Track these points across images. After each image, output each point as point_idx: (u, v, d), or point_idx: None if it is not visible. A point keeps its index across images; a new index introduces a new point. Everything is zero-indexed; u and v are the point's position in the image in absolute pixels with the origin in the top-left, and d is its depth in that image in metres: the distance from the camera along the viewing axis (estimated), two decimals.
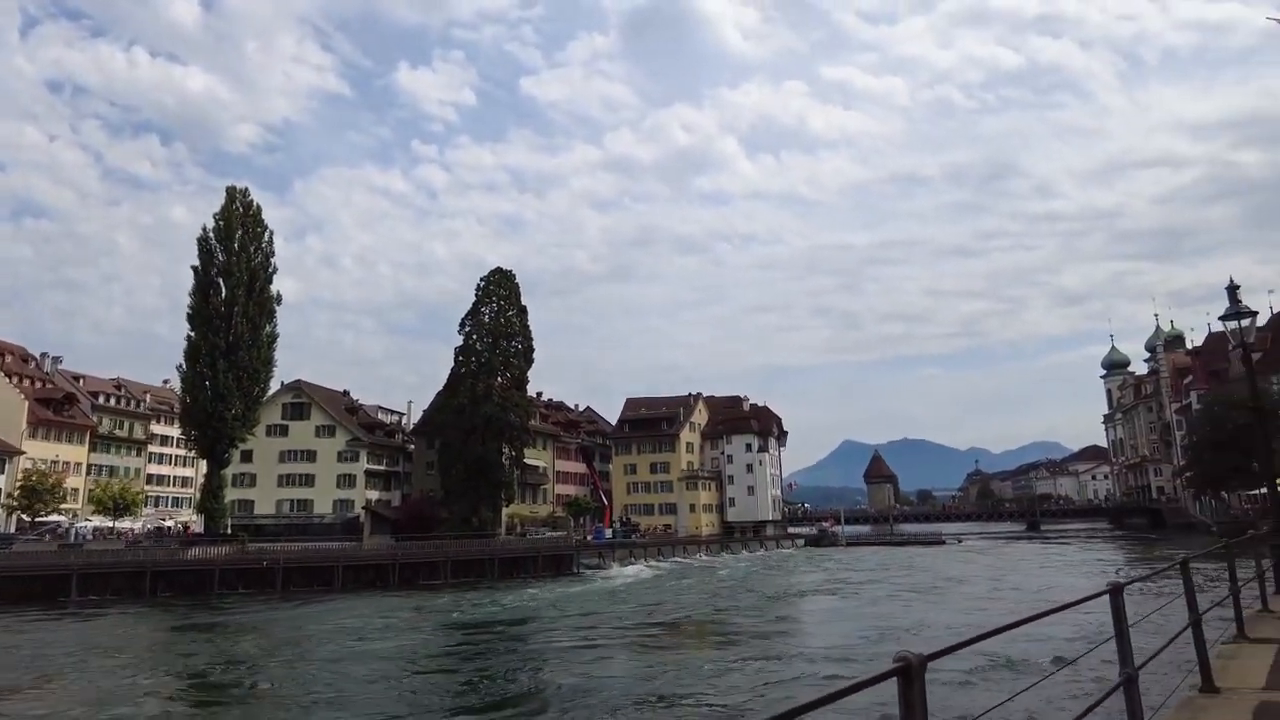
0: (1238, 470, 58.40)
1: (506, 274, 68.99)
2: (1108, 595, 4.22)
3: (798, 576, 50.73)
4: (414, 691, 18.80)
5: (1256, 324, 11.50)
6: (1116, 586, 4.24)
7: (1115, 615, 4.20)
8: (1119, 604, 4.22)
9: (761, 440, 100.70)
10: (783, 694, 16.46)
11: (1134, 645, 4.21)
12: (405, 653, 24.49)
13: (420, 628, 30.72)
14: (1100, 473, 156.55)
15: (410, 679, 20.29)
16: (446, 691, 18.79)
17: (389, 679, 20.23)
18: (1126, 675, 4.09)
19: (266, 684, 20.40)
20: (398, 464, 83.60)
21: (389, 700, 17.91)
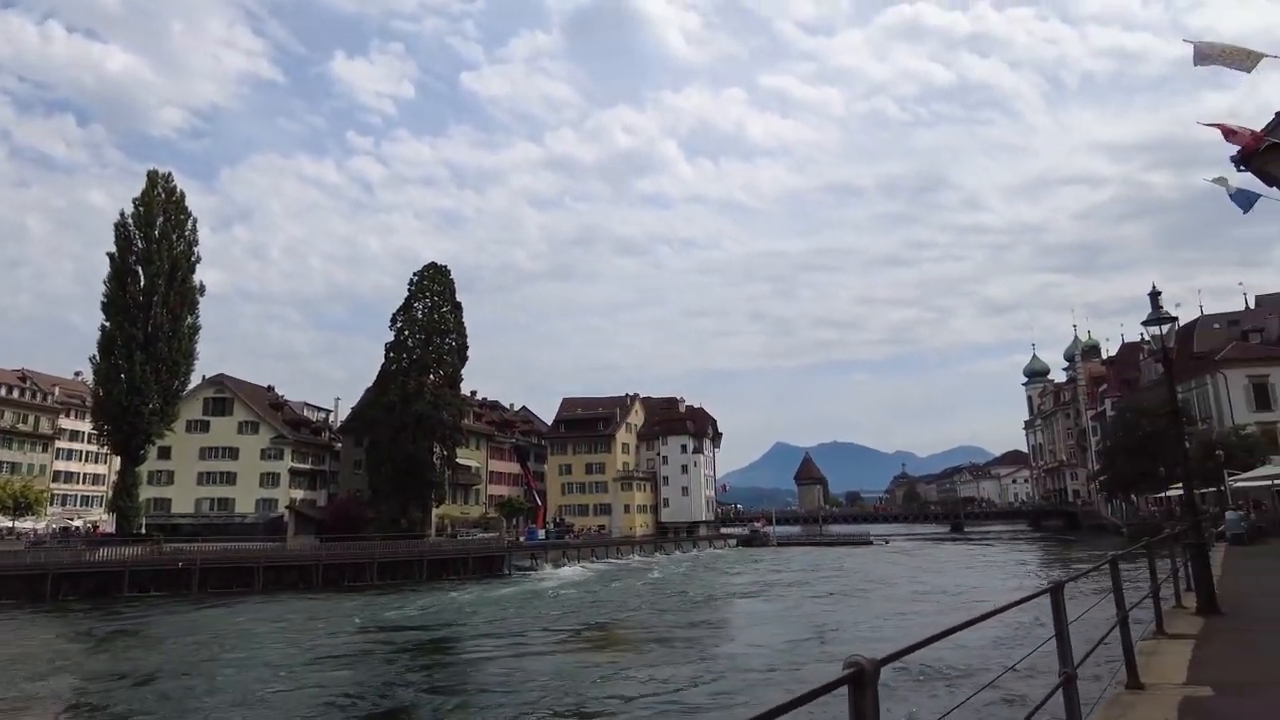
0: (1146, 475, 61.04)
1: (441, 269, 67.72)
2: (1049, 594, 4.16)
3: (729, 577, 50.93)
4: (320, 697, 17.97)
5: (1173, 332, 11.90)
6: (1057, 585, 4.18)
7: (1055, 614, 4.15)
8: (1059, 602, 4.16)
9: (697, 442, 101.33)
10: (714, 698, 16.30)
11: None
12: (317, 656, 23.53)
13: (339, 630, 29.67)
14: (1020, 476, 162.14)
15: (319, 684, 19.38)
16: (355, 696, 18.07)
17: (296, 684, 19.37)
18: (1066, 675, 4.03)
19: (154, 693, 18.95)
20: (324, 463, 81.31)
21: (292, 707, 17.12)
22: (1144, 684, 6.15)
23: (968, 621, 2.93)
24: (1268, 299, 69.11)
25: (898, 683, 15.33)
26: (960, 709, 10.64)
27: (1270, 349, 62.58)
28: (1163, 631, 8.37)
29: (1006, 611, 3.71)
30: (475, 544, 59.36)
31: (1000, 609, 3.44)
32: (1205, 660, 7.08)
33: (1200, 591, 9.80)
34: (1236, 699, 5.76)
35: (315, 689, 19.53)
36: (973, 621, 2.99)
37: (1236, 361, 61.15)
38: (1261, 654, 7.48)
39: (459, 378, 67.16)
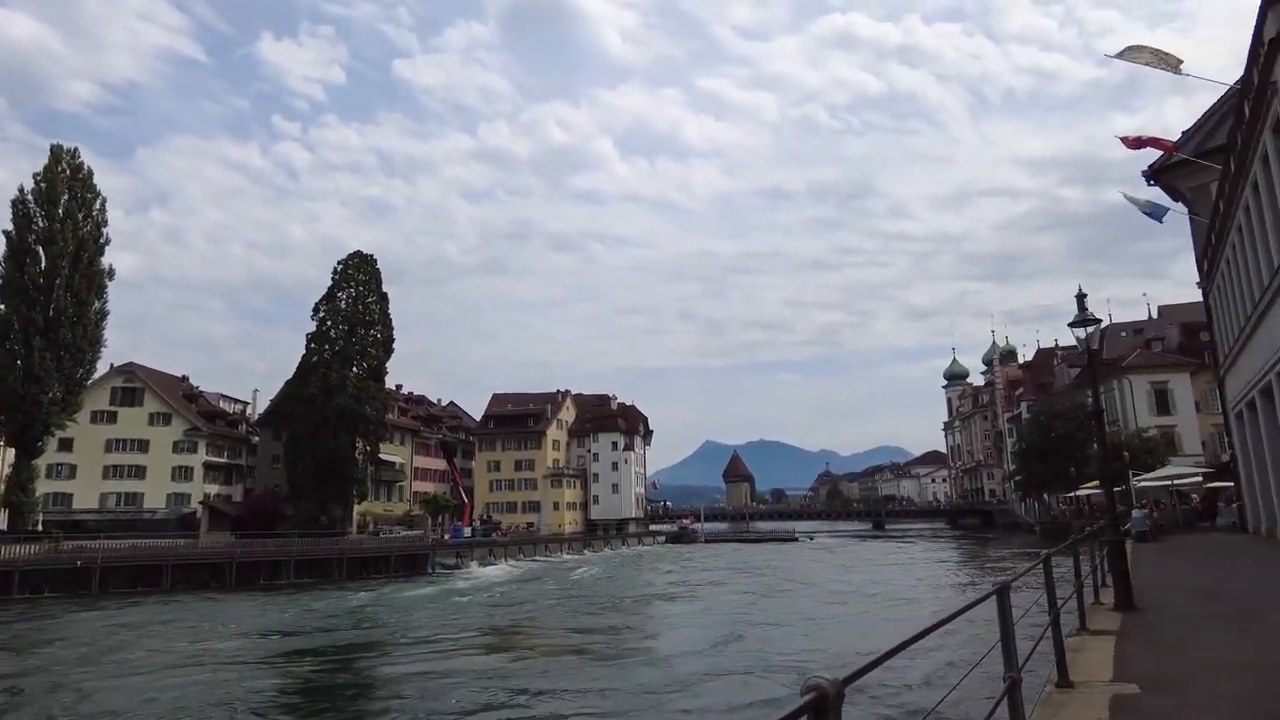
0: (1058, 475, 63.60)
1: (367, 258, 65.81)
2: (995, 596, 4.02)
3: (657, 575, 50.83)
4: (218, 699, 17.11)
5: (1083, 342, 12.19)
6: (1003, 586, 4.05)
7: (1001, 617, 4.01)
8: (1005, 604, 4.03)
9: (628, 439, 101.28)
10: (635, 702, 16.01)
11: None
12: (220, 658, 22.37)
13: (243, 631, 28.34)
14: (939, 476, 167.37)
15: (218, 685, 18.41)
16: (255, 699, 17.26)
17: (191, 686, 18.33)
18: (1011, 679, 3.90)
19: (27, 701, 17.72)
20: (240, 456, 78.28)
21: (186, 710, 16.21)
22: (1073, 682, 6.15)
23: (923, 631, 2.73)
24: (1169, 310, 72.74)
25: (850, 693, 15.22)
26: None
27: (1170, 357, 65.91)
28: (1085, 628, 8.48)
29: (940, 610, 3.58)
30: (398, 542, 57.97)
31: (954, 615, 3.27)
32: (1128, 656, 7.15)
33: (1118, 588, 10.01)
34: (1163, 696, 5.79)
35: (253, 681, 18.72)
36: (929, 630, 2.80)
37: (1140, 368, 64.20)
38: (1179, 649, 7.61)
39: (384, 371, 65.43)
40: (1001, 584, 4.06)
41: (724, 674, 17.84)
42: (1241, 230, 19.69)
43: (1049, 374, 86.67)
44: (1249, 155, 17.29)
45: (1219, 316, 26.97)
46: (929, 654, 19.17)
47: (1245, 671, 6.57)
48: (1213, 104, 29.21)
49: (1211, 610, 10.34)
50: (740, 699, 15.51)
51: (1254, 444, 23.46)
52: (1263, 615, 9.46)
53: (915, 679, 15.35)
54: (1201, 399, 61.34)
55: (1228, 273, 22.91)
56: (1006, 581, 4.12)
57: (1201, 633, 8.58)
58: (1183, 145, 26.87)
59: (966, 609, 3.48)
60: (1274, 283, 16.71)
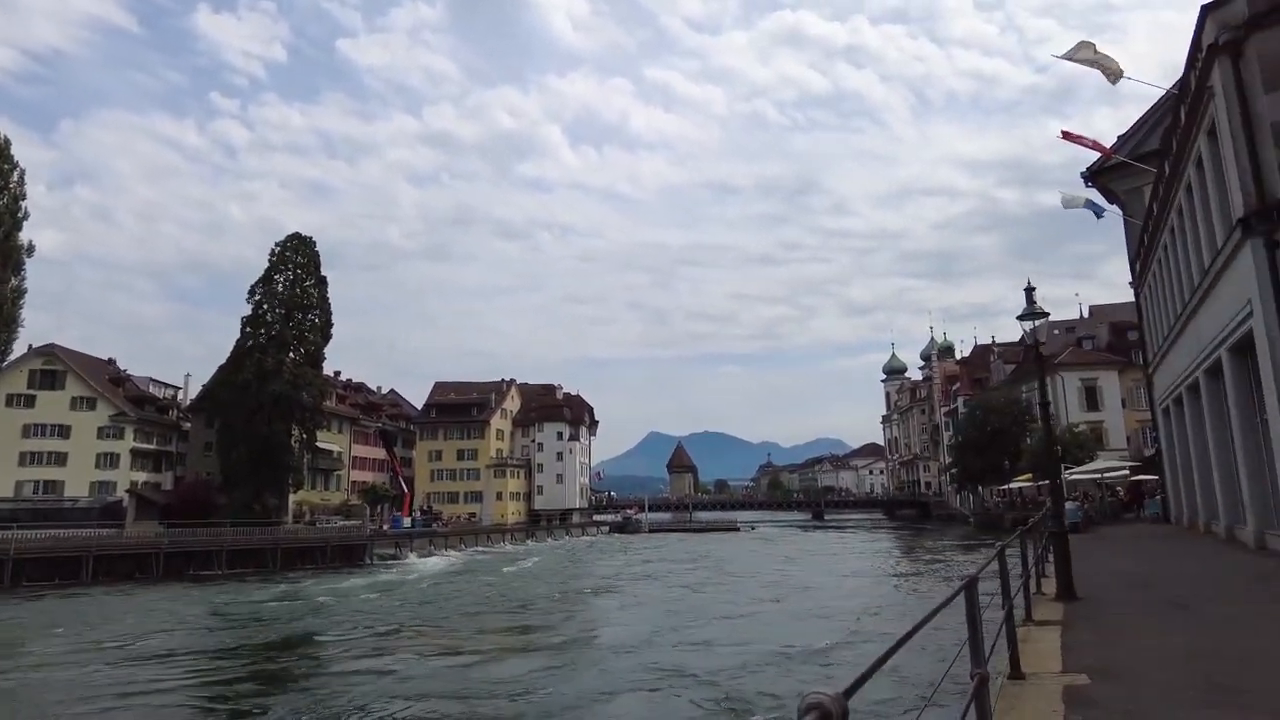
0: (993, 469, 65.41)
1: (306, 240, 63.91)
2: (963, 591, 3.90)
3: (596, 567, 50.44)
4: (128, 697, 16.41)
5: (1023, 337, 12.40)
6: (972, 580, 3.93)
7: (970, 611, 3.89)
8: (974, 598, 3.91)
9: (573, 429, 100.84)
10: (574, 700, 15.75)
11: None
12: (136, 654, 21.50)
13: (168, 623, 27.39)
14: (877, 468, 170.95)
15: (130, 683, 17.69)
16: (173, 695, 16.60)
17: (101, 685, 17.58)
18: (980, 675, 3.78)
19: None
20: (171, 443, 75.40)
21: (91, 710, 15.49)
22: (1025, 674, 6.13)
23: (911, 631, 2.58)
24: (1099, 309, 75.35)
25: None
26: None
27: (1100, 355, 68.30)
28: (1031, 619, 8.54)
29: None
30: (335, 532, 56.70)
31: (934, 612, 3.12)
32: (1075, 647, 7.19)
33: (1060, 578, 10.15)
34: (1112, 686, 5.80)
35: (171, 677, 17.88)
36: (915, 630, 2.64)
37: (1072, 365, 66.36)
38: (1122, 638, 7.71)
39: (321, 357, 63.79)
40: (970, 577, 3.94)
41: (641, 682, 16.83)
42: (1174, 232, 20.30)
43: (985, 370, 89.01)
44: (1184, 158, 17.79)
45: (1149, 315, 27.88)
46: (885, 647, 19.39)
47: (1184, 660, 6.68)
48: (1145, 111, 30.14)
49: (1145, 599, 10.59)
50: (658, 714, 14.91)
51: (1179, 438, 24.34)
52: (1192, 604, 9.70)
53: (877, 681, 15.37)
54: (1128, 396, 63.71)
55: (1159, 273, 23.65)
56: (974, 575, 4.00)
57: (1139, 621, 8.74)
58: (1118, 150, 27.68)
59: (943, 606, 3.34)
60: (1204, 283, 17.24)
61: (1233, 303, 15.22)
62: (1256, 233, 13.28)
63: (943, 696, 13.22)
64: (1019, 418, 64.39)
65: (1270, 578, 12.11)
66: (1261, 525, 16.01)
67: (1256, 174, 13.36)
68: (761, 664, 17.79)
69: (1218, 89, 14.40)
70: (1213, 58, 14.40)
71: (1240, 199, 13.73)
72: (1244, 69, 13.78)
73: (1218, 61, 14.24)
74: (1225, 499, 18.99)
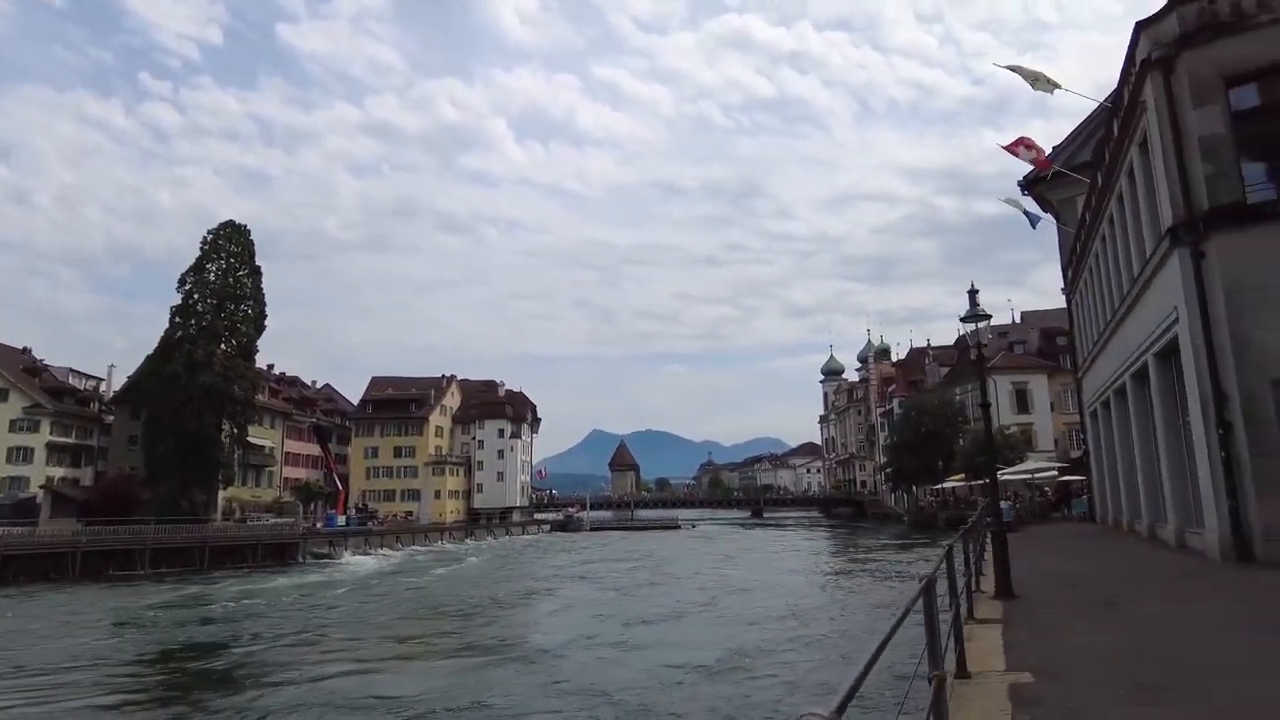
0: (927, 468, 67.07)
1: (240, 228, 61.92)
2: (921, 593, 3.85)
3: (532, 567, 49.28)
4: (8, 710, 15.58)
5: (958, 340, 12.64)
6: (929, 581, 3.89)
7: (927, 613, 3.84)
8: (932, 599, 3.87)
9: (515, 426, 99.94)
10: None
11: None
12: (44, 660, 20.49)
13: (69, 627, 26.16)
14: (815, 467, 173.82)
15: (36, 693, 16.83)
16: (51, 706, 15.83)
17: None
18: (938, 677, 3.73)
19: None
20: (92, 437, 72.26)
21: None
22: (971, 673, 6.17)
23: (885, 639, 2.49)
24: (1030, 315, 77.82)
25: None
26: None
27: (1030, 359, 70.59)
28: (973, 617, 8.65)
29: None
30: (266, 530, 55.06)
31: (902, 616, 3.05)
32: (1016, 645, 7.29)
33: (999, 576, 10.33)
34: (1055, 685, 5.87)
35: (77, 686, 16.93)
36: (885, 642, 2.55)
37: (1004, 369, 68.39)
38: (1059, 637, 7.86)
39: (254, 349, 61.94)
40: (927, 578, 3.90)
41: (544, 703, 16.03)
42: (1105, 240, 20.98)
43: (920, 372, 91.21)
44: (1116, 169, 18.38)
45: (1080, 321, 28.83)
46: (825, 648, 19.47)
47: (1120, 658, 6.83)
48: (1079, 124, 31.23)
49: (1077, 597, 10.87)
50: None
51: (1106, 440, 25.22)
52: (1122, 601, 9.99)
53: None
54: (1056, 399, 65.98)
55: (1090, 280, 24.45)
56: (931, 576, 3.96)
57: (1073, 620, 8.94)
58: (1053, 160, 28.55)
59: (906, 612, 3.28)
60: (1133, 290, 17.85)
61: (1160, 310, 15.78)
62: (1184, 243, 13.76)
63: (893, 697, 13.22)
64: (953, 419, 66.16)
65: (1190, 575, 12.56)
66: (1182, 524, 16.64)
67: (1185, 186, 13.84)
68: (678, 679, 17.05)
69: (1150, 103, 14.89)
70: (1145, 73, 14.88)
71: (1170, 210, 14.21)
72: (1175, 85, 14.26)
73: (1150, 77, 14.72)
74: (1148, 499, 19.71)
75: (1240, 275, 13.08)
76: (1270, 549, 12.29)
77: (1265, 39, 13.47)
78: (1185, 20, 14.29)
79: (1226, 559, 12.87)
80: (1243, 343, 12.93)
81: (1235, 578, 11.54)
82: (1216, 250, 13.32)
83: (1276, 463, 12.50)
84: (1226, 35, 13.83)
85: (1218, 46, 13.91)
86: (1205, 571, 12.61)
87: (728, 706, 14.67)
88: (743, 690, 15.98)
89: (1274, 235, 12.96)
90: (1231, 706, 5.25)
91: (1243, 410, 12.81)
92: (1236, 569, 12.30)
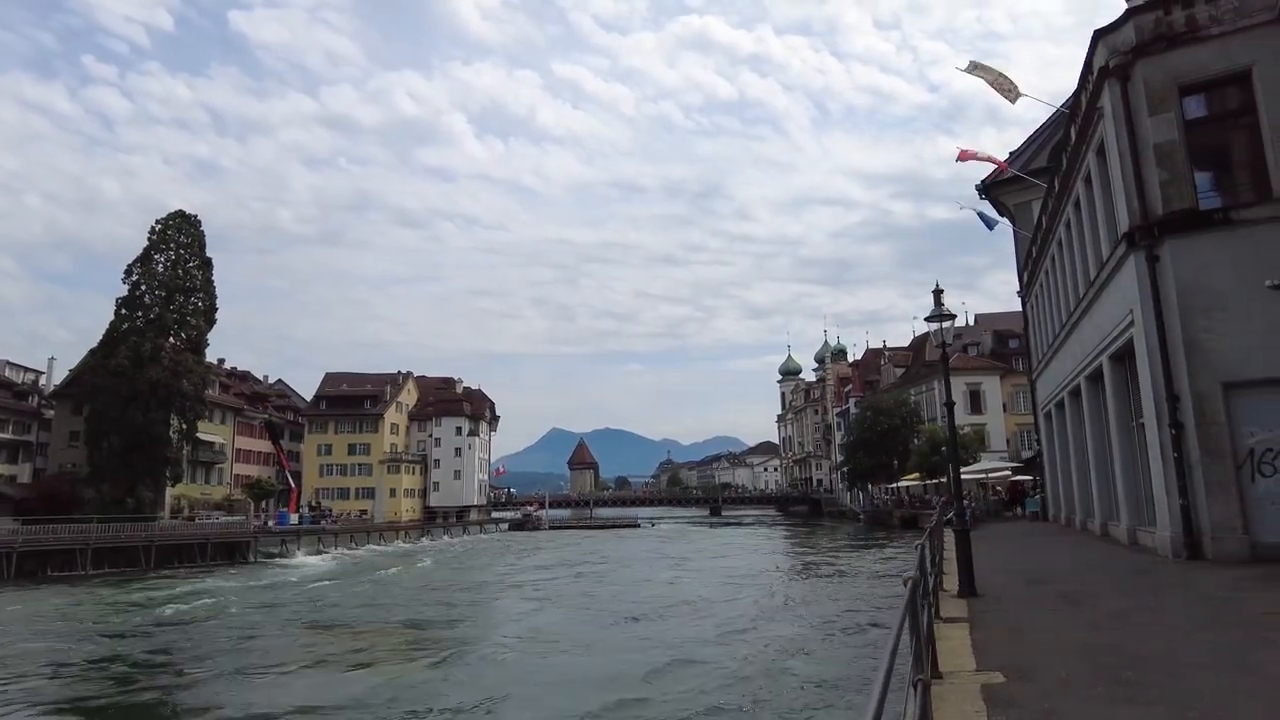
0: (883, 467, 67.98)
1: (190, 218, 60.19)
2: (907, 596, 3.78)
3: (481, 573, 45.36)
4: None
5: (913, 341, 12.74)
6: (915, 583, 3.81)
7: (912, 617, 3.77)
8: (915, 602, 3.80)
9: (473, 424, 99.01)
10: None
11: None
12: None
13: (14, 633, 25.10)
14: (772, 465, 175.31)
15: None
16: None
17: None
18: (922, 681, 3.66)
19: None
20: (30, 432, 69.67)
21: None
22: (943, 673, 6.14)
23: (890, 665, 2.38)
24: (984, 318, 79.30)
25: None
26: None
27: (983, 361, 71.91)
28: (939, 616, 8.67)
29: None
30: (215, 528, 53.67)
31: (897, 636, 2.96)
32: (985, 644, 7.31)
33: (962, 575, 10.40)
34: (1026, 685, 5.88)
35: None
36: (895, 648, 2.44)
37: (958, 370, 69.43)
38: (1025, 635, 7.91)
39: (204, 343, 60.29)
40: (912, 580, 3.83)
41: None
42: (1062, 244, 21.39)
43: (876, 373, 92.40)
44: (1073, 174, 18.73)
45: (1035, 323, 29.40)
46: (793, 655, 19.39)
47: (1089, 654, 6.88)
48: (1035, 130, 31.84)
49: (1039, 594, 11.01)
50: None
51: (1059, 440, 25.75)
52: (1083, 598, 10.13)
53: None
54: (1008, 400, 67.32)
55: (1046, 283, 24.93)
56: (916, 578, 3.89)
57: (1039, 617, 9.03)
58: (1010, 165, 29.07)
59: (903, 622, 3.18)
60: (1089, 293, 18.21)
61: (1115, 312, 16.10)
62: (1139, 247, 14.05)
63: (864, 699, 13.28)
64: (908, 419, 67.15)
65: (1145, 571, 12.83)
66: (1134, 522, 17.03)
67: (1141, 191, 14.12)
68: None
69: (1107, 110, 15.17)
70: (1103, 80, 15.16)
71: (1126, 214, 14.50)
72: (1131, 92, 14.54)
73: (1107, 84, 15.00)
74: (1101, 498, 20.14)
75: (1192, 280, 13.40)
76: (1220, 547, 12.61)
77: (1216, 50, 13.81)
78: (1141, 30, 14.58)
79: (1178, 556, 13.17)
80: (1194, 345, 13.24)
81: (1189, 575, 11.80)
82: (1170, 255, 13.62)
83: (1226, 463, 12.83)
84: (1180, 45, 14.14)
85: (1172, 56, 14.22)
86: (1159, 568, 12.88)
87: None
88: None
89: (1223, 242, 13.29)
90: (1205, 703, 5.29)
91: (1194, 411, 13.12)
92: (1188, 566, 12.59)
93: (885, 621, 22.84)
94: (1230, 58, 13.63)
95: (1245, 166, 14.36)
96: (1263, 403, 12.78)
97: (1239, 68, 13.51)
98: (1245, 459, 12.79)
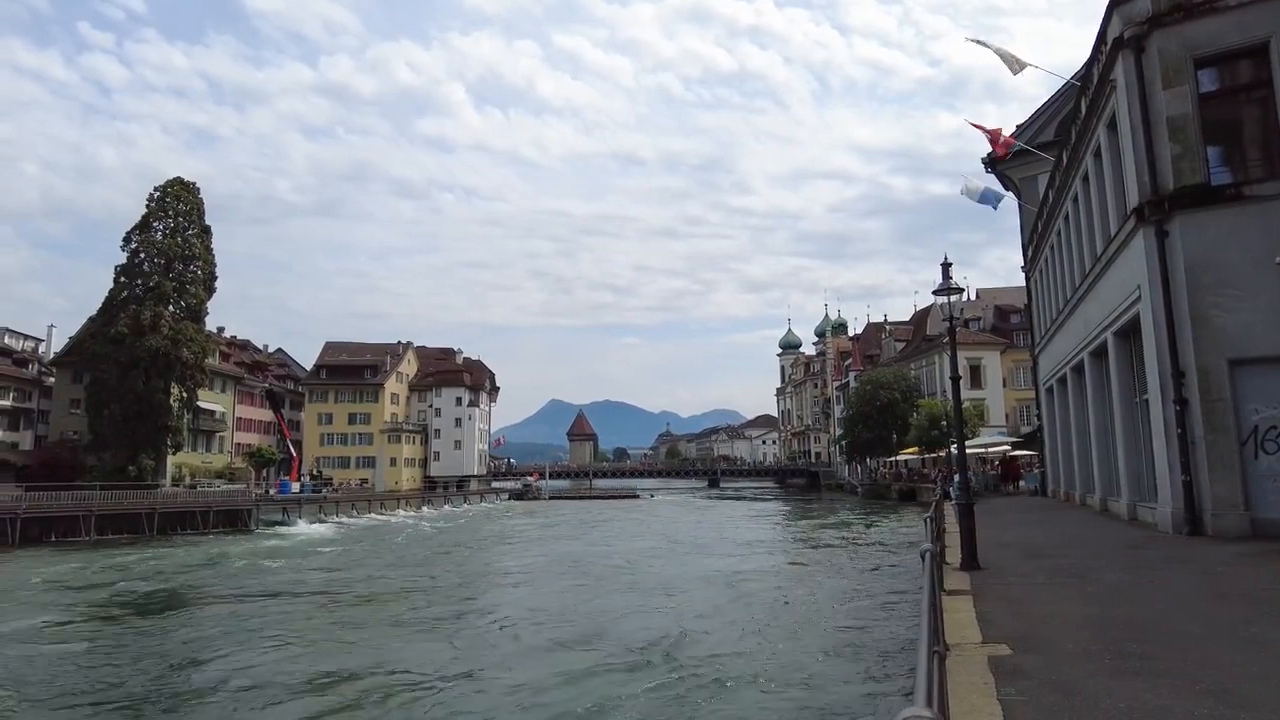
0: (881, 441, 68.20)
1: (189, 185, 59.77)
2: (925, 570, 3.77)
3: (482, 543, 44.96)
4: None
5: (913, 316, 12.66)
6: (932, 555, 3.80)
7: (930, 586, 3.76)
8: (932, 574, 3.79)
9: (473, 394, 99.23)
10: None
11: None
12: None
13: (15, 596, 25.28)
14: (770, 438, 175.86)
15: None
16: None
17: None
18: (937, 653, 3.66)
19: None
20: (30, 400, 69.81)
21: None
22: (949, 645, 6.17)
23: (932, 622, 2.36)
24: (985, 293, 79.13)
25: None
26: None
27: (984, 336, 71.84)
28: (943, 588, 8.71)
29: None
30: (217, 496, 53.95)
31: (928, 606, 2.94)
32: (989, 617, 7.35)
33: (965, 548, 10.45)
34: (1033, 656, 5.90)
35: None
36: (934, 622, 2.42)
37: (959, 345, 69.31)
38: (1030, 607, 7.95)
39: (204, 311, 60.17)
40: (928, 551, 3.82)
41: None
42: (1069, 219, 21.24)
43: (877, 347, 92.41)
44: (1083, 148, 18.54)
45: (1039, 298, 29.29)
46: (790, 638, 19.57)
47: (1088, 626, 6.93)
48: (1043, 104, 31.47)
49: (1041, 568, 11.05)
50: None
51: (1060, 416, 25.77)
52: (1085, 572, 10.17)
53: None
54: (1008, 375, 67.40)
55: (1051, 257, 24.80)
56: (931, 549, 3.89)
57: (1041, 591, 9.07)
58: (1016, 138, 28.78)
59: (930, 607, 3.17)
60: (1096, 268, 18.11)
61: (1122, 288, 16.02)
62: (1149, 222, 13.93)
63: (878, 668, 13.21)
64: (907, 393, 67.24)
65: (1145, 546, 12.88)
66: (1134, 498, 17.09)
67: (1152, 166, 13.98)
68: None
69: (1120, 82, 14.96)
70: (1117, 51, 14.94)
71: (1135, 189, 14.37)
72: (1146, 64, 14.33)
73: (1121, 56, 14.77)
74: (1101, 473, 20.20)
75: (1201, 255, 13.30)
76: (1220, 523, 12.66)
77: (1234, 21, 13.58)
78: (1158, 0, 14.35)
79: (1178, 532, 13.22)
80: (1201, 321, 13.18)
81: (1190, 550, 11.85)
82: (1180, 230, 13.50)
83: (1229, 439, 12.84)
84: (1198, 16, 13.91)
85: (1189, 27, 13.99)
86: (1160, 543, 12.93)
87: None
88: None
89: (1234, 217, 13.17)
90: (1212, 675, 5.31)
91: (1199, 387, 13.10)
92: (1189, 542, 12.65)
93: (872, 590, 23.10)
94: (1247, 29, 13.40)
95: (1258, 142, 14.19)
96: (1268, 379, 12.75)
97: (1256, 40, 13.29)
98: (1249, 436, 12.80)
